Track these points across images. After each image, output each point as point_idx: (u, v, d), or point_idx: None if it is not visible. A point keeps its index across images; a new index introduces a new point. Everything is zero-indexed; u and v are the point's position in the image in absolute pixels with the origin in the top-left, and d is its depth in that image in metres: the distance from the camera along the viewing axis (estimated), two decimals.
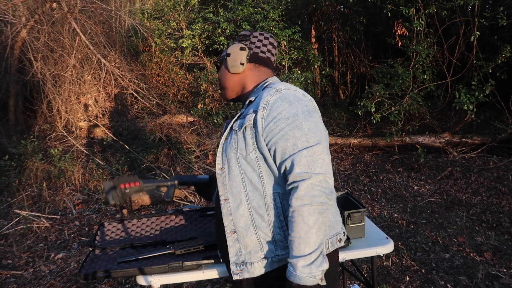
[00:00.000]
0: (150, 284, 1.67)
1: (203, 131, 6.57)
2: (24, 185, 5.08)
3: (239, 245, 1.29)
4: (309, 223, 1.11)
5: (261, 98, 1.29)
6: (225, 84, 1.48)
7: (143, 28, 7.80)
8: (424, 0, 5.68)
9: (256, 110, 1.27)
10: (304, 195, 1.13)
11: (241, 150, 1.29)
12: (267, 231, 1.26)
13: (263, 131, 1.23)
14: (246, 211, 1.28)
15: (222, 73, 1.49)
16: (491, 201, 4.30)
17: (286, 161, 1.19)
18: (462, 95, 5.39)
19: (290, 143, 1.19)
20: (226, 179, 1.32)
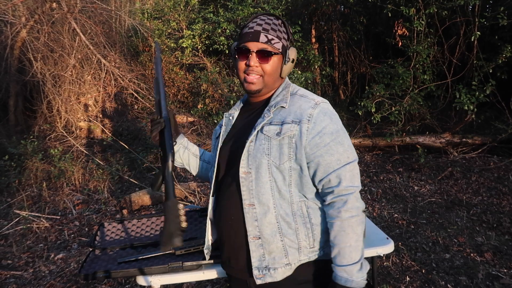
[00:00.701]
0: (150, 284, 1.66)
1: (203, 131, 6.57)
2: (24, 185, 5.07)
3: (263, 250, 1.29)
4: (358, 232, 1.23)
5: (301, 109, 1.30)
6: (269, 78, 1.36)
7: (143, 28, 7.79)
8: (425, 0, 5.67)
9: (298, 121, 1.27)
10: (352, 207, 1.23)
11: (274, 158, 1.28)
12: (293, 238, 1.29)
13: (307, 144, 1.26)
14: (273, 218, 1.28)
15: (274, 65, 1.34)
16: (491, 201, 4.29)
17: (330, 175, 1.26)
18: (463, 95, 5.39)
19: (335, 158, 1.26)
20: (252, 184, 1.29)
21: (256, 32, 1.30)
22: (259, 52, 1.30)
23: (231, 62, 8.52)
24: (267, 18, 1.34)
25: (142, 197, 4.42)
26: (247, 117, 1.45)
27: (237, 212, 1.32)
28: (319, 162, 1.26)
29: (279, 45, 1.33)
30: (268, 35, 1.31)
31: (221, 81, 7.14)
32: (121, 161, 5.70)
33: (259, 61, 1.32)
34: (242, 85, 1.39)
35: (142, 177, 5.40)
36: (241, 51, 1.34)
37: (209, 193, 1.49)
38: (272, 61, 1.33)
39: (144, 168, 5.58)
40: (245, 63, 1.33)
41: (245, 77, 1.35)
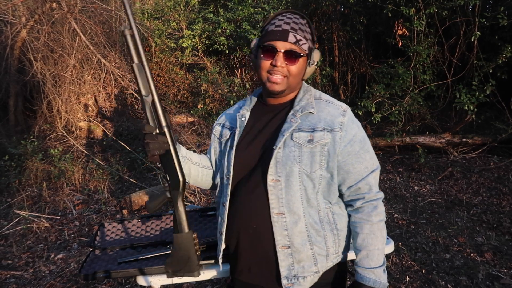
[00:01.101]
0: (150, 284, 1.66)
1: (203, 131, 6.56)
2: (24, 185, 5.07)
3: (292, 259, 1.26)
4: (384, 235, 1.28)
5: (331, 116, 1.28)
6: (294, 80, 1.30)
7: (143, 28, 7.79)
8: (425, 0, 5.67)
9: (331, 129, 1.25)
10: (381, 211, 1.28)
11: (305, 166, 1.24)
12: (322, 245, 1.28)
13: (340, 152, 1.25)
14: (303, 227, 1.25)
15: (299, 67, 1.28)
16: (491, 201, 4.29)
17: (360, 182, 1.27)
18: (463, 95, 5.38)
19: (363, 165, 1.28)
20: (282, 193, 1.24)
21: (284, 31, 1.24)
22: (287, 52, 1.24)
23: (231, 62, 8.53)
24: (294, 16, 1.28)
25: (142, 197, 4.42)
26: (266, 120, 1.36)
27: (261, 221, 1.26)
28: (349, 170, 1.27)
29: (306, 46, 1.27)
30: (297, 35, 1.25)
31: (221, 81, 7.14)
32: (121, 161, 5.70)
33: (286, 62, 1.25)
34: (264, 84, 1.31)
35: (142, 177, 5.40)
36: (267, 49, 1.26)
37: (219, 200, 1.42)
38: (299, 63, 1.27)
39: (144, 168, 5.58)
40: (271, 62, 1.26)
41: (268, 76, 1.28)
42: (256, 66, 1.32)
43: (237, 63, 8.58)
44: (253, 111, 1.42)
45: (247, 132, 1.37)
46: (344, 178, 1.28)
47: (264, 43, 1.26)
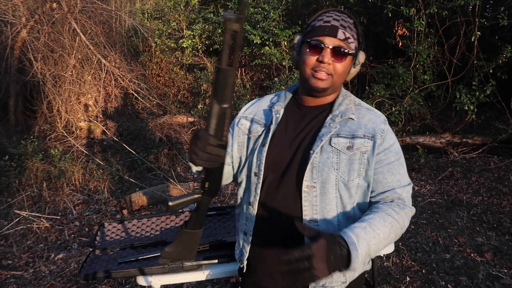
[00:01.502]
0: (151, 284, 1.66)
1: None
2: (24, 185, 5.07)
3: None
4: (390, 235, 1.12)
5: (373, 123, 1.23)
6: (338, 79, 1.25)
7: (143, 28, 7.79)
8: (425, 0, 5.67)
9: (371, 136, 1.20)
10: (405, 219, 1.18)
11: (343, 173, 1.19)
12: None
13: (376, 160, 1.21)
14: None
15: (346, 66, 1.23)
16: (491, 201, 4.29)
17: (388, 192, 1.20)
18: (463, 95, 5.39)
19: (396, 178, 1.21)
20: (316, 200, 1.19)
21: (333, 27, 1.19)
22: (335, 49, 1.18)
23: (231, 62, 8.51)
24: (342, 14, 1.24)
25: (142, 197, 4.41)
26: (302, 122, 1.30)
27: (291, 227, 1.18)
28: (378, 179, 1.21)
29: (353, 45, 1.23)
30: (346, 32, 1.20)
31: None
32: (121, 161, 5.70)
33: (333, 59, 1.19)
34: (306, 81, 1.24)
35: (142, 177, 5.40)
36: (315, 45, 1.20)
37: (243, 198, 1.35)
38: (345, 62, 1.22)
39: (144, 168, 5.58)
40: (317, 58, 1.19)
41: (312, 73, 1.21)
42: (299, 62, 1.26)
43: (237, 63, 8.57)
44: (286, 109, 1.35)
45: (280, 130, 1.30)
46: (372, 187, 1.22)
47: (312, 38, 1.21)
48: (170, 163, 5.70)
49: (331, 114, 1.26)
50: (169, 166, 5.62)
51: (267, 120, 1.35)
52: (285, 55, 7.15)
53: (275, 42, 7.11)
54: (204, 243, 1.80)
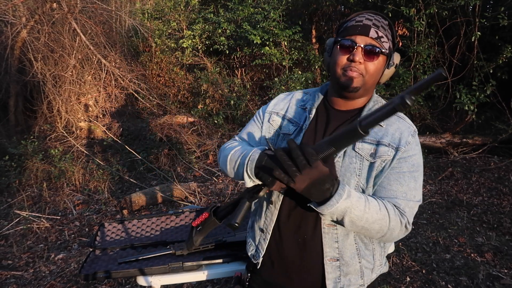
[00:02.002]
0: (151, 284, 1.66)
1: (204, 132, 6.56)
2: (24, 185, 5.07)
3: (340, 272, 1.21)
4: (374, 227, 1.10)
5: (400, 133, 1.19)
6: (370, 79, 1.20)
7: (143, 28, 7.79)
8: (425, 0, 5.67)
9: (396, 147, 1.17)
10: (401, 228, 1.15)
11: (363, 179, 1.17)
12: (370, 259, 1.24)
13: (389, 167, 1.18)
14: (353, 240, 1.21)
15: (378, 66, 1.19)
16: (492, 201, 4.29)
17: (391, 199, 1.16)
18: (463, 96, 5.39)
19: (402, 189, 1.16)
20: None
21: (366, 26, 1.16)
22: (367, 47, 1.15)
23: (231, 62, 8.53)
24: (376, 15, 1.21)
25: (142, 197, 4.42)
26: (330, 125, 1.27)
27: (311, 231, 1.22)
28: (382, 184, 1.17)
29: (387, 45, 1.19)
30: (379, 31, 1.16)
31: (222, 82, 7.14)
32: (121, 162, 5.70)
33: (365, 58, 1.16)
34: (337, 80, 1.20)
35: (142, 177, 5.40)
36: (345, 44, 1.17)
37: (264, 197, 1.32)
38: (378, 61, 1.17)
39: (144, 168, 5.58)
40: (348, 57, 1.16)
41: (343, 72, 1.18)
42: (331, 63, 1.23)
43: (238, 63, 8.58)
44: (317, 111, 1.32)
45: (309, 132, 1.29)
46: (374, 192, 1.19)
47: (343, 38, 1.18)
48: (170, 163, 5.70)
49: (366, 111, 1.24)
50: (169, 166, 5.62)
51: (299, 120, 1.33)
52: (285, 55, 7.15)
53: (275, 42, 7.11)
54: (205, 243, 1.80)
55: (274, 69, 7.87)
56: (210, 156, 5.91)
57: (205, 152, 6.03)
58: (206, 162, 5.80)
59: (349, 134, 0.94)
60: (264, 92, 7.96)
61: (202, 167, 5.61)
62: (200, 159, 5.88)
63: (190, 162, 5.63)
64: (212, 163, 5.77)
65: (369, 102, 1.26)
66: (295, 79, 6.38)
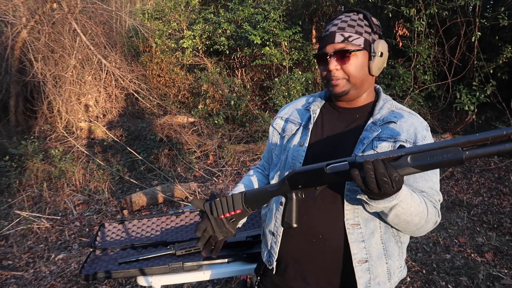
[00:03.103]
0: (151, 284, 1.67)
1: (204, 132, 6.56)
2: (25, 185, 5.08)
3: (370, 275, 1.17)
4: (415, 220, 1.10)
5: (415, 128, 1.20)
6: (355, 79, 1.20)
7: (143, 29, 7.80)
8: (425, 1, 5.67)
9: (413, 142, 1.17)
10: (438, 216, 1.17)
11: None
12: (394, 259, 1.21)
13: None
14: (379, 239, 1.18)
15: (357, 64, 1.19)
16: (492, 201, 4.29)
17: (421, 194, 1.17)
18: (463, 96, 5.39)
19: (428, 184, 1.18)
20: (357, 202, 1.16)
21: (331, 33, 1.19)
22: (337, 53, 1.17)
23: (231, 62, 8.53)
24: (345, 16, 1.22)
25: (142, 197, 4.42)
26: (339, 123, 1.28)
27: (330, 231, 1.19)
28: (409, 183, 1.17)
29: (359, 40, 1.18)
30: (345, 33, 1.17)
31: (222, 82, 7.14)
32: (122, 162, 5.70)
33: (339, 63, 1.18)
34: (330, 90, 1.25)
35: (143, 177, 5.40)
36: (320, 57, 1.22)
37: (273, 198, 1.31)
38: (354, 59, 1.18)
39: (144, 168, 5.58)
40: (326, 68, 1.20)
41: (328, 81, 1.22)
42: (320, 74, 1.30)
43: (238, 64, 8.58)
44: (322, 110, 1.34)
45: (316, 131, 1.29)
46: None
47: (318, 52, 1.24)
48: (171, 163, 5.70)
49: (372, 118, 1.23)
50: (169, 167, 5.62)
51: (301, 119, 1.35)
52: (285, 55, 7.15)
53: (276, 43, 7.11)
54: None
55: (274, 69, 7.87)
56: (210, 156, 5.91)
57: (205, 152, 6.03)
58: (206, 162, 5.80)
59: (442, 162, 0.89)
60: (264, 92, 7.96)
61: (202, 167, 5.61)
62: (200, 159, 5.88)
63: (191, 162, 5.63)
64: (212, 163, 5.77)
65: (379, 101, 1.27)
66: (295, 79, 6.38)
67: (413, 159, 0.89)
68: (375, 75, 1.25)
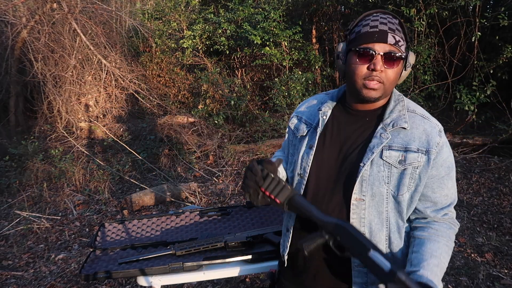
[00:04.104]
0: (151, 284, 1.67)
1: (204, 132, 6.56)
2: (25, 185, 5.08)
3: (367, 279, 1.19)
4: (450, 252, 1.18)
5: (427, 135, 1.16)
6: (390, 86, 1.18)
7: (143, 29, 7.80)
8: (425, 1, 5.67)
9: (425, 151, 1.15)
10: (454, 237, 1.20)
11: (393, 187, 1.15)
12: None
13: (428, 175, 1.16)
14: (383, 249, 1.18)
15: (397, 71, 1.17)
16: (492, 201, 4.29)
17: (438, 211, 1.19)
18: (463, 96, 5.38)
19: (444, 193, 1.18)
20: (364, 213, 1.17)
21: (382, 32, 1.12)
22: (387, 55, 1.12)
23: (231, 62, 8.52)
24: (387, 16, 1.16)
25: (142, 197, 4.42)
26: (350, 127, 1.25)
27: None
28: (426, 194, 1.18)
29: (403, 48, 1.16)
30: (396, 36, 1.13)
31: (222, 82, 7.14)
32: (122, 162, 5.70)
33: (385, 65, 1.13)
34: (358, 92, 1.17)
35: (143, 177, 5.40)
36: (364, 53, 1.13)
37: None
38: (397, 67, 1.15)
39: (144, 168, 5.58)
40: (368, 67, 1.13)
41: (364, 83, 1.14)
42: (348, 72, 1.19)
43: (238, 64, 8.58)
44: (334, 111, 1.31)
45: (326, 134, 1.28)
46: (420, 200, 1.19)
47: (360, 46, 1.14)
48: (171, 164, 5.70)
49: (382, 123, 1.19)
50: (169, 167, 5.62)
51: (312, 121, 1.33)
52: (285, 55, 7.15)
53: (276, 43, 7.11)
54: (205, 244, 1.80)
55: (275, 69, 7.87)
56: (210, 156, 5.91)
57: (206, 152, 6.03)
58: (207, 162, 5.80)
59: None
60: (264, 92, 7.96)
61: (203, 167, 5.61)
62: (200, 159, 5.88)
63: (191, 162, 5.63)
64: (212, 163, 5.77)
65: (389, 102, 1.24)
66: (295, 79, 6.38)
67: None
68: (399, 83, 1.24)
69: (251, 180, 1.16)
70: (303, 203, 1.17)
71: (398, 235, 1.19)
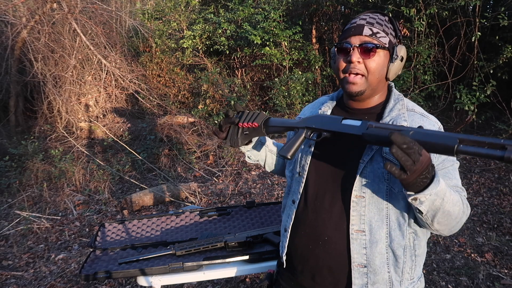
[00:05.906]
0: (151, 284, 1.67)
1: (204, 132, 6.57)
2: (25, 185, 5.08)
3: (367, 280, 1.17)
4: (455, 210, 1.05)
5: None
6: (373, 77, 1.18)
7: (143, 29, 7.80)
8: (425, 1, 5.67)
9: None
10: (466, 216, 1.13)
11: (393, 183, 1.14)
12: (399, 271, 1.19)
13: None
14: (383, 249, 1.16)
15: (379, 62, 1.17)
16: (492, 201, 4.29)
17: None
18: (463, 96, 5.38)
19: (453, 183, 1.16)
20: (364, 210, 1.16)
21: (359, 26, 1.16)
22: (362, 46, 1.14)
23: (231, 62, 8.53)
24: (372, 13, 1.21)
25: (142, 197, 4.42)
26: None
27: (335, 234, 1.20)
28: None
29: (385, 39, 1.17)
30: (373, 28, 1.16)
31: (222, 82, 7.14)
32: (122, 162, 5.70)
33: (362, 57, 1.15)
34: (343, 87, 1.22)
35: (143, 177, 5.40)
36: (342, 47, 1.18)
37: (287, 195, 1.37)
38: (377, 57, 1.15)
39: (144, 168, 5.58)
40: (346, 59, 1.17)
41: (345, 77, 1.19)
42: (333, 69, 1.25)
43: (238, 64, 8.59)
44: (333, 111, 1.34)
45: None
46: None
47: (339, 42, 1.20)
48: (171, 163, 5.70)
49: (381, 121, 1.20)
50: (169, 167, 5.62)
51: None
52: (285, 55, 7.15)
53: (276, 43, 7.11)
54: (205, 244, 1.80)
55: (275, 69, 7.87)
56: (210, 156, 5.91)
57: (205, 152, 6.03)
58: (207, 162, 5.80)
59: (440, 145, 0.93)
60: (264, 92, 7.96)
61: (203, 167, 5.61)
62: (200, 159, 5.88)
63: (191, 162, 5.63)
64: (212, 163, 5.77)
65: (389, 101, 1.25)
66: (295, 79, 6.38)
67: (413, 135, 0.93)
68: (391, 79, 1.23)
69: (226, 123, 1.34)
70: (278, 120, 1.33)
71: (400, 232, 1.16)
